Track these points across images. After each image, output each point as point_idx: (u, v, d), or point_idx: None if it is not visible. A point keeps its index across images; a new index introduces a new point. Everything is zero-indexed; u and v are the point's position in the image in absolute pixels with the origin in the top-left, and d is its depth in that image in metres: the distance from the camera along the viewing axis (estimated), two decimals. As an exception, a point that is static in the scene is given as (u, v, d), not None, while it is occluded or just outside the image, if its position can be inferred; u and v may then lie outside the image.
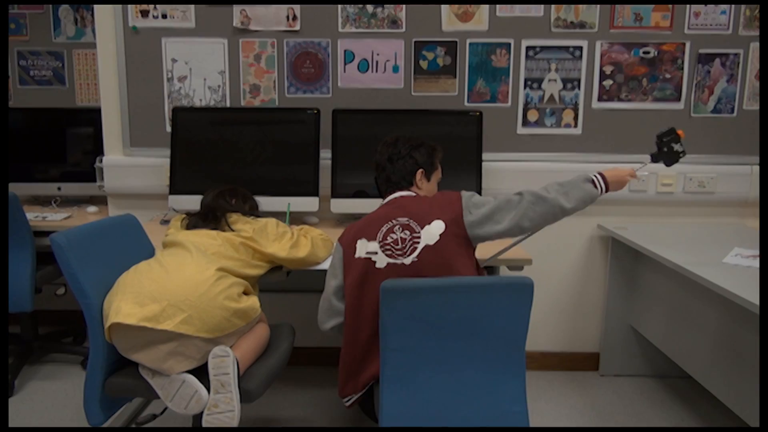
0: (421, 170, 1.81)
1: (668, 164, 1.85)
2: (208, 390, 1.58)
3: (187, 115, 2.51)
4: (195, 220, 1.90)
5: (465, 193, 1.71)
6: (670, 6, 2.54)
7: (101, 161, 2.67)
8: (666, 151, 1.84)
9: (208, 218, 1.89)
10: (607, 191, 1.74)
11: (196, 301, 1.58)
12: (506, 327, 1.53)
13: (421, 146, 1.83)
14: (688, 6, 2.54)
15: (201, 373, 1.61)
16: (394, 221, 1.68)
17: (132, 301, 1.57)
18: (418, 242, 1.63)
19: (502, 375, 1.56)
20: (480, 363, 1.54)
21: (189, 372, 1.61)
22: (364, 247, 1.69)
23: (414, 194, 1.78)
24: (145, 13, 2.55)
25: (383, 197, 1.86)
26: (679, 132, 1.81)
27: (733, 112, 2.62)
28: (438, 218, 1.64)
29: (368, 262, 1.66)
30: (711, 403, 2.49)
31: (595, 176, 1.74)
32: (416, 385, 1.53)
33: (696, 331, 2.11)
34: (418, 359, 1.52)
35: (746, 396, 1.82)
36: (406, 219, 1.67)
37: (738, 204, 2.69)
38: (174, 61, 2.59)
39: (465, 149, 2.47)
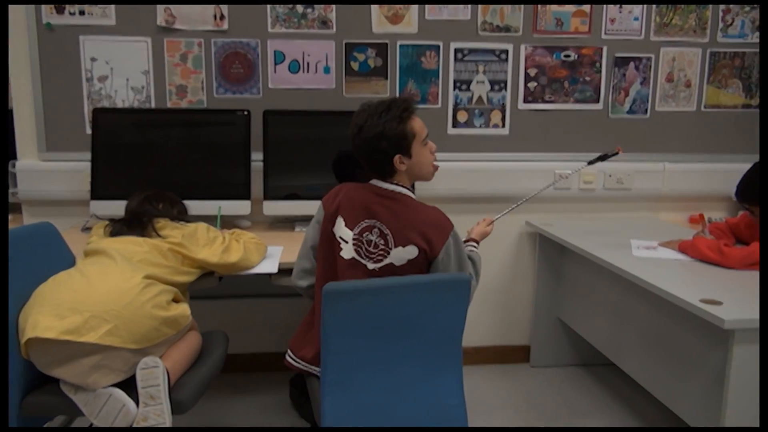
0: (397, 156, 1.66)
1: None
2: (137, 403, 1.52)
3: (109, 117, 2.40)
4: (119, 227, 1.82)
5: (451, 240, 1.65)
6: (588, 11, 2.67)
7: (14, 166, 2.51)
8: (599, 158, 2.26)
9: (134, 224, 1.82)
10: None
11: (122, 310, 1.52)
12: (444, 323, 1.57)
13: (380, 136, 1.63)
14: (604, 12, 2.67)
15: (129, 385, 1.55)
16: (375, 222, 1.65)
17: (50, 313, 1.49)
18: (386, 257, 1.64)
19: (440, 370, 1.60)
20: (419, 360, 1.57)
21: (115, 385, 1.55)
22: (339, 229, 1.68)
23: (406, 194, 1.70)
24: (60, 10, 2.42)
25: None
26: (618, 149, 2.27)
27: (646, 113, 2.78)
28: (415, 244, 1.62)
29: (336, 245, 1.67)
30: (633, 387, 2.64)
31: (474, 246, 1.93)
32: (357, 387, 1.53)
33: (617, 321, 2.23)
34: (358, 361, 1.52)
35: (665, 379, 1.94)
36: (387, 229, 1.65)
37: (652, 199, 2.87)
38: (93, 60, 2.47)
39: (397, 150, 2.49)
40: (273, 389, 2.60)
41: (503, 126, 2.72)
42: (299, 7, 2.52)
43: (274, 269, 1.94)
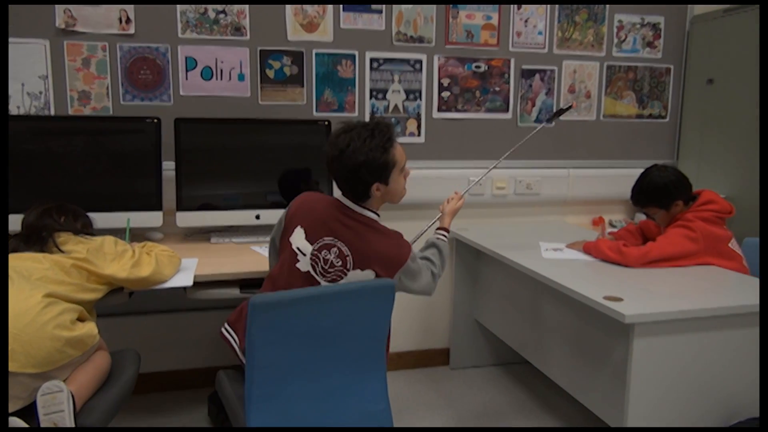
0: (375, 184, 1.66)
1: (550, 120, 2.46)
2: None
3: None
4: (16, 243, 1.69)
5: (409, 262, 1.68)
6: (496, 25, 2.79)
7: None
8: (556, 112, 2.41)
9: (32, 239, 1.69)
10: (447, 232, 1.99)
11: (20, 333, 1.41)
12: (370, 330, 1.58)
13: (363, 165, 1.60)
14: (510, 26, 2.81)
15: (30, 413, 1.44)
16: (336, 240, 1.65)
17: (-65, 340, 1.35)
18: (343, 278, 1.64)
19: (366, 376, 1.61)
20: (346, 367, 1.57)
21: (15, 413, 1.43)
22: (298, 239, 1.67)
23: (374, 219, 1.70)
24: (-58, 8, 2.22)
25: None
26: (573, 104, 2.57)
27: (551, 122, 2.94)
28: (373, 269, 1.64)
29: (293, 256, 1.66)
30: (547, 383, 2.77)
31: (443, 236, 1.96)
32: (283, 399, 1.51)
33: (529, 320, 2.33)
34: (285, 373, 1.50)
35: (574, 374, 2.04)
36: (347, 249, 1.64)
37: (559, 203, 3.03)
38: (-18, 63, 2.29)
39: (314, 158, 2.49)
40: (190, 408, 2.50)
41: (419, 134, 2.78)
42: (211, 13, 2.46)
43: (189, 282, 1.87)
